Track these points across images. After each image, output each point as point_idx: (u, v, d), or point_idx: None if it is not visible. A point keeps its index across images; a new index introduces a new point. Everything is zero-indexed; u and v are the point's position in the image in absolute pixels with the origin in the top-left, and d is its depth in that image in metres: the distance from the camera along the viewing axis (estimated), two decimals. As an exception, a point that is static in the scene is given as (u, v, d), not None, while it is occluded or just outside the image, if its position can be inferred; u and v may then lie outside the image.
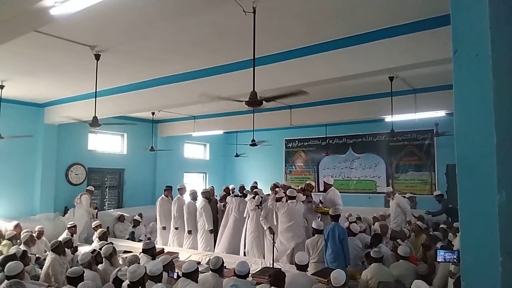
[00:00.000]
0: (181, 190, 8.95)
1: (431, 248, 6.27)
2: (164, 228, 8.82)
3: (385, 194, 10.68)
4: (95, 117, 6.42)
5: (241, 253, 7.45)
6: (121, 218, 10.36)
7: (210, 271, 4.84)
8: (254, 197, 7.42)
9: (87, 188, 9.96)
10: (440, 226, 7.83)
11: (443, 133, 10.26)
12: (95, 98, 6.51)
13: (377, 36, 5.06)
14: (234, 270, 4.68)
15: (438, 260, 3.00)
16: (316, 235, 6.13)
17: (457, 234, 5.35)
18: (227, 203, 8.24)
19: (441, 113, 8.85)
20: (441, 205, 9.19)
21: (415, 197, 9.71)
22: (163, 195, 9.13)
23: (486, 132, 1.00)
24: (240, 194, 8.24)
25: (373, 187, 12.42)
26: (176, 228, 8.55)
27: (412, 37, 4.80)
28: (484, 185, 0.95)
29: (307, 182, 7.67)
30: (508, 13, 0.91)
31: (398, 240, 6.43)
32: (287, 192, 6.98)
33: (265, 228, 7.13)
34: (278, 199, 7.09)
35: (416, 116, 8.66)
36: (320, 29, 5.15)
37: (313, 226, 6.23)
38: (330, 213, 6.36)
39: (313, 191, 7.72)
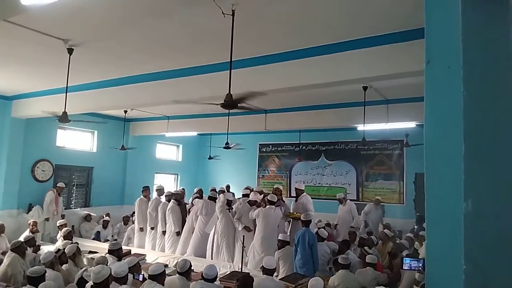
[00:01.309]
0: (159, 191, 8.84)
1: (397, 256, 6.39)
2: (141, 229, 8.64)
3: (356, 201, 10.83)
4: (64, 113, 6.23)
5: (208, 256, 7.36)
6: (87, 218, 10.10)
7: (177, 274, 4.76)
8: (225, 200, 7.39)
9: (57, 185, 9.67)
10: (407, 235, 8.00)
11: (413, 144, 10.52)
12: (66, 93, 6.32)
13: (353, 46, 5.14)
14: (202, 274, 4.62)
15: (404, 268, 3.06)
16: (287, 247, 6.10)
17: (423, 243, 5.47)
18: (192, 205, 8.15)
19: (411, 124, 9.08)
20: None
21: (379, 200, 9.88)
22: (142, 196, 8.94)
23: (454, 142, 1.02)
24: (207, 196, 8.12)
25: (344, 194, 12.58)
26: (152, 228, 8.42)
27: (387, 48, 4.90)
28: (451, 194, 0.96)
29: (274, 187, 7.64)
30: (480, 26, 0.94)
31: (366, 248, 6.51)
32: (268, 197, 6.91)
33: (239, 228, 7.02)
34: (253, 203, 7.05)
35: (388, 126, 8.85)
36: (298, 36, 5.18)
37: (280, 238, 6.20)
38: (301, 218, 6.39)
39: (281, 194, 7.72)
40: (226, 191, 8.93)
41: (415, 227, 8.88)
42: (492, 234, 0.88)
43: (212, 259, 7.13)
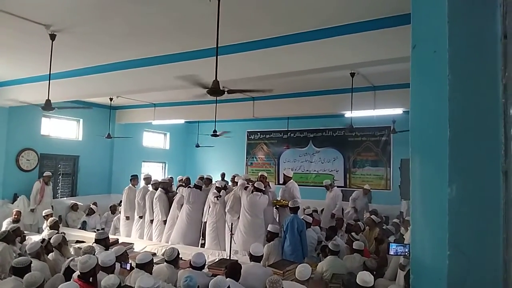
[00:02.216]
0: (147, 180, 8.78)
1: (384, 242, 6.46)
2: (127, 218, 8.59)
3: (343, 187, 10.91)
4: (48, 101, 6.10)
5: (200, 244, 7.38)
6: (74, 207, 10.00)
7: (165, 263, 4.75)
8: (219, 189, 7.41)
9: (44, 175, 9.53)
10: (393, 221, 8.09)
11: (400, 131, 10.59)
12: (49, 80, 6.19)
13: (341, 31, 5.10)
14: (190, 262, 4.61)
15: (390, 253, 3.10)
16: (276, 239, 6.12)
17: (408, 228, 5.54)
18: (176, 193, 8.11)
19: (398, 111, 9.12)
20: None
21: (368, 190, 9.96)
22: (130, 185, 8.86)
23: (440, 127, 1.00)
24: (192, 185, 8.08)
25: (331, 181, 12.67)
26: (140, 217, 8.38)
27: (374, 34, 4.88)
28: (436, 179, 0.96)
29: (259, 174, 7.66)
30: (466, 9, 0.92)
31: (353, 233, 6.57)
32: (255, 184, 6.93)
33: (234, 218, 7.02)
34: (245, 187, 7.08)
35: (375, 112, 8.88)
36: (285, 22, 5.13)
37: (269, 229, 6.22)
38: (289, 205, 6.41)
39: (267, 181, 7.74)
40: (221, 179, 8.97)
41: (401, 212, 8.99)
42: (476, 220, 0.88)
43: (202, 247, 7.15)
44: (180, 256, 4.96)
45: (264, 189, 6.89)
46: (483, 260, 0.84)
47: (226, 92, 4.54)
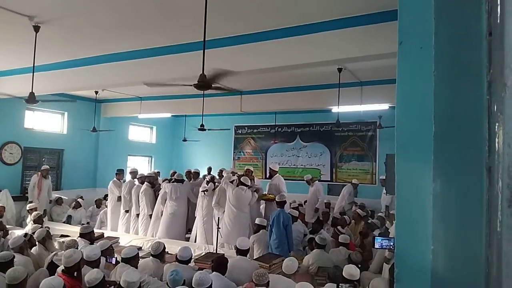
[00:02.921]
0: (133, 174, 8.71)
1: (369, 236, 6.55)
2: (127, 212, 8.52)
3: (329, 182, 11.00)
4: (32, 93, 5.99)
5: (192, 239, 7.38)
6: (59, 201, 9.86)
7: (151, 257, 4.73)
8: (207, 182, 7.40)
9: (42, 168, 9.39)
10: (378, 214, 8.19)
11: (387, 126, 10.70)
12: (33, 72, 6.07)
13: (328, 27, 5.10)
14: (176, 256, 4.61)
15: (375, 246, 3.14)
16: (261, 231, 6.16)
17: (393, 222, 5.60)
18: (160, 188, 8.05)
19: (385, 106, 9.20)
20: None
21: (357, 184, 10.06)
22: (115, 179, 8.78)
23: (425, 122, 1.02)
24: (174, 179, 8.01)
25: (318, 175, 12.75)
26: (126, 211, 8.32)
27: (362, 30, 4.90)
28: (420, 174, 0.97)
29: (245, 168, 7.70)
30: (452, 6, 0.92)
31: (339, 227, 6.63)
32: (241, 179, 6.94)
33: (219, 214, 7.02)
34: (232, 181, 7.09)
35: (362, 108, 8.95)
36: (273, 16, 5.11)
37: (256, 222, 6.25)
38: (276, 199, 6.44)
39: (252, 175, 7.77)
40: (208, 173, 8.95)
41: (387, 206, 9.09)
42: (459, 215, 0.89)
43: (193, 241, 7.15)
44: (166, 250, 4.95)
45: (249, 184, 6.90)
46: (467, 254, 0.86)
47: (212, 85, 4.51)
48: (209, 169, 10.58)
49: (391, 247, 2.96)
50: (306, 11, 4.94)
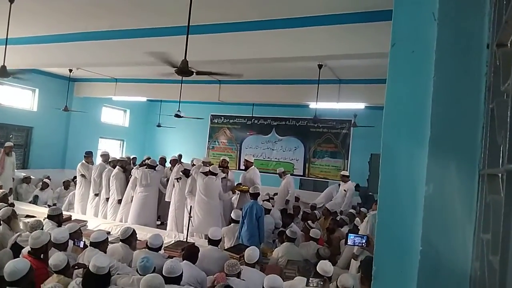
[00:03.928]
0: (104, 157, 8.48)
1: (335, 231, 6.67)
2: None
3: (302, 176, 11.10)
4: (3, 67, 5.74)
5: (167, 226, 7.33)
6: (27, 180, 9.55)
7: (120, 242, 4.66)
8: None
9: (5, 145, 8.99)
10: (349, 211, 8.32)
11: (361, 125, 10.87)
12: (6, 45, 5.81)
13: (314, 22, 5.12)
14: (146, 242, 4.55)
15: (348, 243, 3.20)
16: (232, 224, 6.17)
17: (364, 219, 5.72)
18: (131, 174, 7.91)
19: (360, 105, 9.35)
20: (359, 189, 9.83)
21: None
22: (83, 161, 8.53)
23: (415, 126, 1.04)
24: (146, 164, 7.88)
25: (291, 169, 12.86)
26: (96, 195, 8.13)
27: (346, 28, 4.94)
28: (411, 176, 0.99)
29: (221, 158, 7.67)
30: (456, 13, 0.94)
31: (309, 222, 6.72)
32: (211, 168, 6.92)
33: (192, 204, 6.96)
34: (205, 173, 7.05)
35: (338, 105, 9.06)
36: (259, 6, 5.08)
37: (232, 216, 6.25)
38: (250, 191, 6.45)
39: (228, 167, 7.77)
40: (179, 161, 8.81)
41: (358, 203, 9.28)
42: (448, 217, 0.92)
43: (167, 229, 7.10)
44: (135, 235, 4.87)
45: (217, 172, 6.88)
46: (452, 255, 0.89)
47: (195, 73, 4.46)
48: (179, 157, 10.48)
49: (363, 244, 3.02)
50: (291, 5, 4.94)
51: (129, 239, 4.65)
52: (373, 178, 10.35)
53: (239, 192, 7.33)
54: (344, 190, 8.82)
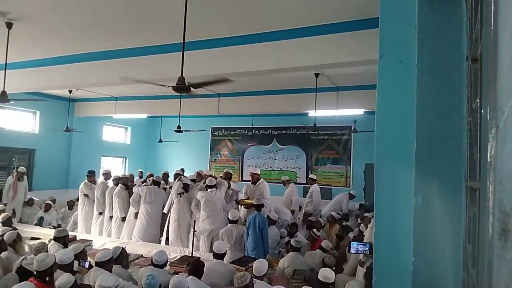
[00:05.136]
0: (106, 175, 8.49)
1: (344, 238, 6.64)
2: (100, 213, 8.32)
3: (305, 184, 11.11)
4: (3, 92, 5.81)
5: (163, 242, 7.26)
6: (30, 202, 9.56)
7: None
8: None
9: (18, 170, 9.09)
10: (355, 214, 8.31)
11: (361, 131, 10.89)
12: (5, 70, 5.90)
13: (306, 33, 5.18)
14: (152, 259, 4.55)
15: (351, 251, 3.20)
16: (229, 224, 6.17)
17: (368, 225, 5.71)
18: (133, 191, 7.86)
19: (360, 111, 9.38)
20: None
21: (354, 196, 10.06)
22: (86, 181, 8.55)
23: (405, 136, 1.05)
24: (149, 183, 7.85)
25: (294, 177, 12.85)
26: (100, 214, 8.13)
27: (339, 37, 4.99)
28: (401, 188, 1.00)
29: (224, 171, 7.66)
30: (435, 26, 0.96)
31: (314, 230, 6.70)
32: (207, 181, 6.87)
33: (197, 216, 6.93)
34: (202, 188, 7.00)
35: (337, 112, 9.09)
36: (252, 21, 5.14)
37: (229, 217, 6.25)
38: (253, 202, 6.44)
39: (230, 178, 7.74)
40: (182, 174, 8.77)
41: (358, 211, 9.27)
42: (438, 228, 0.93)
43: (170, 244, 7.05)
44: (126, 253, 4.77)
45: (215, 184, 6.81)
46: (444, 266, 0.90)
47: (191, 88, 4.49)
48: (182, 171, 10.48)
49: (367, 251, 3.02)
50: (286, 17, 4.99)
51: (118, 259, 4.55)
52: (368, 188, 10.39)
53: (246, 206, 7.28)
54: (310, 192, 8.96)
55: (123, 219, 7.77)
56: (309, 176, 9.76)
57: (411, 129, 1.06)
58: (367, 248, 3.00)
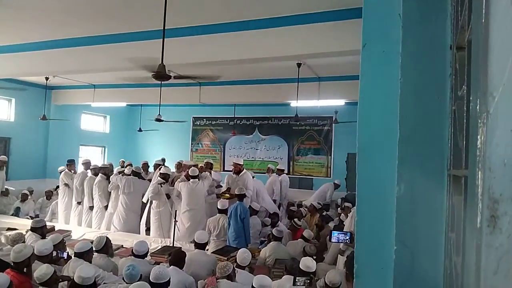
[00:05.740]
0: (86, 165, 8.35)
1: (324, 228, 6.72)
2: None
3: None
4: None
5: (143, 232, 7.19)
6: (5, 192, 9.33)
7: (95, 253, 4.51)
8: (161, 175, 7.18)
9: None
10: (336, 203, 8.40)
11: (342, 121, 10.98)
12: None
13: (289, 22, 5.14)
14: (132, 250, 4.51)
15: (332, 240, 3.24)
16: (218, 214, 6.17)
17: (348, 214, 5.78)
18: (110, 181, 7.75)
19: (341, 102, 9.44)
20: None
21: (339, 185, 10.10)
22: (66, 170, 8.38)
23: (388, 126, 1.05)
24: (128, 173, 7.73)
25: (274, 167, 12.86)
26: (79, 203, 7.99)
27: (323, 26, 4.97)
28: (384, 177, 1.01)
29: (205, 161, 7.62)
30: (419, 16, 0.96)
31: (295, 219, 6.76)
32: (189, 171, 6.80)
33: (178, 206, 6.86)
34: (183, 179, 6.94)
35: (319, 103, 9.13)
36: (235, 8, 5.08)
37: (218, 206, 6.24)
38: (235, 192, 6.43)
39: (211, 169, 7.70)
40: (163, 165, 8.68)
41: (342, 198, 9.36)
42: (421, 216, 0.94)
43: (150, 235, 6.99)
44: (110, 243, 4.74)
45: (196, 175, 6.75)
46: (426, 254, 0.91)
47: (173, 77, 4.43)
48: (163, 160, 10.39)
49: (347, 240, 3.06)
50: (269, 6, 4.95)
51: (104, 248, 4.54)
52: (350, 177, 10.52)
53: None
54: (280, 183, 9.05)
55: (106, 207, 7.65)
56: (277, 167, 9.77)
57: (394, 118, 1.06)
58: (347, 237, 3.04)
